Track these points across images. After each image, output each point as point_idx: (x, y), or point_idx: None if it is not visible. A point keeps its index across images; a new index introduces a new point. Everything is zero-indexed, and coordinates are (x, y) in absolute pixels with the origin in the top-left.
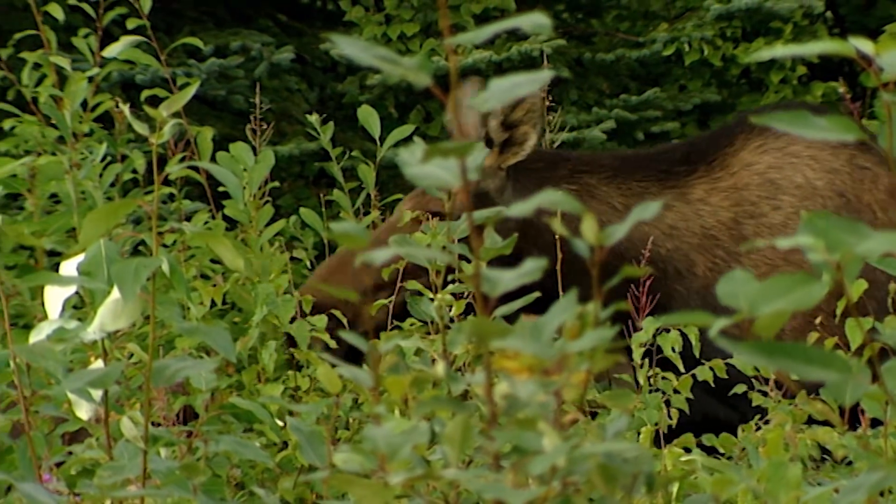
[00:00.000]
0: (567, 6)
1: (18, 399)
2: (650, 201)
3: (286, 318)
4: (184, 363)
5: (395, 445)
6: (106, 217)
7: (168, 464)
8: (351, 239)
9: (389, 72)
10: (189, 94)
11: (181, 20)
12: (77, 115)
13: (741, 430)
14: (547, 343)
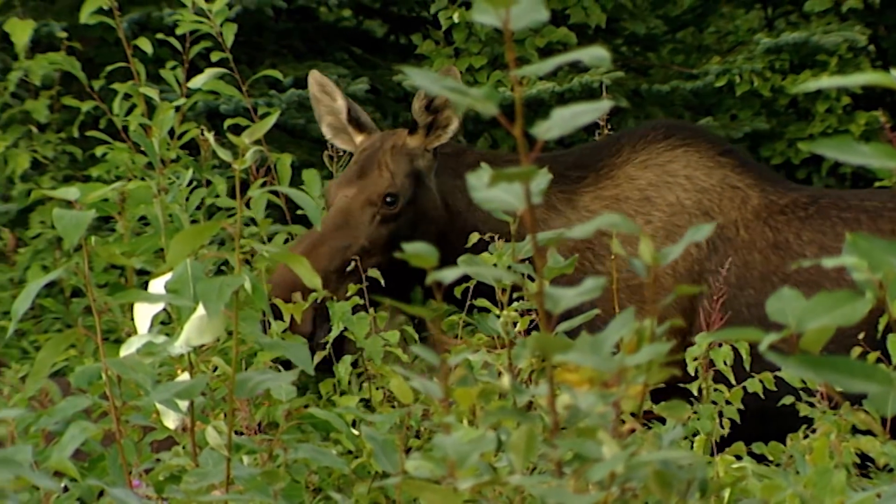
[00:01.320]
0: (625, 40)
1: (110, 409)
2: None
3: (361, 333)
4: (265, 376)
5: (464, 453)
6: (192, 238)
7: (250, 470)
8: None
9: (458, 101)
10: (270, 123)
11: (263, 53)
12: (165, 142)
13: (789, 439)
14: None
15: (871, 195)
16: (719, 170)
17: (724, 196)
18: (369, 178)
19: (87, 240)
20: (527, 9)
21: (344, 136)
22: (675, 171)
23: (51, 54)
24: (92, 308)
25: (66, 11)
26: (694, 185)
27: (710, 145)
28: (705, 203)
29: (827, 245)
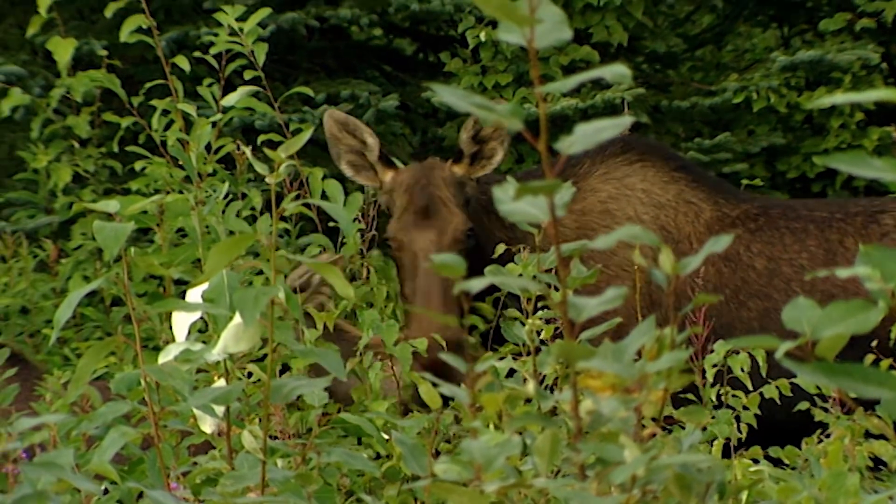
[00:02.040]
0: (646, 58)
1: (149, 414)
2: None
3: (390, 340)
4: (299, 382)
5: (490, 456)
6: (228, 249)
7: (284, 473)
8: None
9: (485, 117)
10: (304, 139)
11: (296, 71)
12: (202, 156)
13: (804, 443)
14: (628, 364)
15: (818, 205)
16: (674, 185)
17: (680, 211)
18: (442, 218)
19: (126, 251)
20: (551, 28)
21: (368, 173)
22: (632, 184)
23: (92, 72)
24: (131, 317)
25: (107, 30)
26: (651, 199)
27: (665, 161)
28: (662, 218)
29: (775, 256)
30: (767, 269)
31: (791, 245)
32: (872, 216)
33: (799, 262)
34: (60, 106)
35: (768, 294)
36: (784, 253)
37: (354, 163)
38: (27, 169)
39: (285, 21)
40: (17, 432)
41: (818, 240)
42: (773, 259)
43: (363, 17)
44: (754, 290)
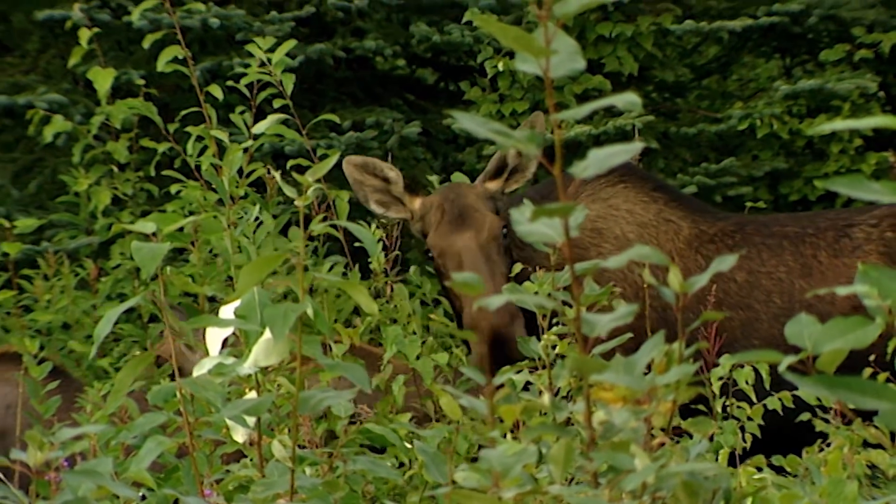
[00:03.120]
0: (655, 87)
1: (184, 424)
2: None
3: (413, 355)
4: (326, 394)
5: (508, 465)
6: (259, 268)
7: (312, 480)
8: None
9: (503, 143)
10: (331, 164)
11: (324, 99)
12: (234, 180)
13: (805, 452)
14: (638, 377)
15: (788, 220)
16: (654, 204)
17: (661, 229)
18: (477, 221)
19: (163, 269)
20: (565, 58)
21: (397, 206)
22: (617, 205)
23: (130, 100)
24: (167, 332)
25: (144, 61)
26: (634, 218)
27: (643, 181)
28: (645, 236)
29: (754, 269)
30: (748, 281)
31: (768, 259)
32: (842, 230)
33: (777, 275)
34: (100, 132)
35: (749, 305)
36: (762, 266)
37: (382, 200)
38: (69, 192)
39: (313, 52)
40: (59, 442)
41: (793, 254)
42: (752, 272)
43: (387, 48)
44: (735, 301)
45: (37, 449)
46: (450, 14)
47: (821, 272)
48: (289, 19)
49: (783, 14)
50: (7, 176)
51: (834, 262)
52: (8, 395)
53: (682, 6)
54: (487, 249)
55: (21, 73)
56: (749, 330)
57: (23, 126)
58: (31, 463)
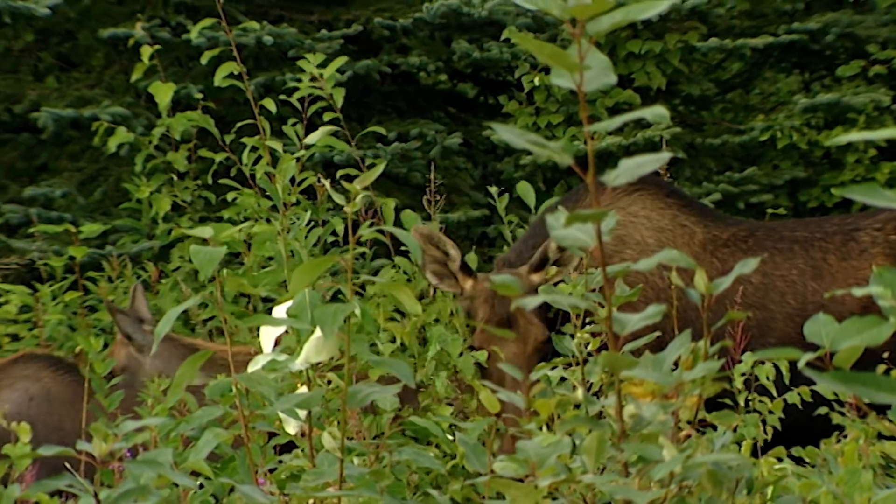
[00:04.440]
0: (682, 101)
1: (239, 417)
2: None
3: (455, 352)
4: (373, 389)
5: (543, 455)
6: (310, 271)
7: (360, 470)
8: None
9: (539, 153)
10: (378, 172)
11: (371, 111)
12: (286, 188)
13: (823, 444)
14: (666, 373)
15: (797, 226)
16: (669, 210)
17: (676, 233)
18: (524, 329)
19: (219, 272)
20: (597, 73)
21: (450, 281)
22: (636, 212)
23: (189, 113)
24: (224, 330)
25: (202, 76)
26: (652, 223)
27: (657, 188)
28: (663, 241)
29: (768, 272)
30: (763, 283)
31: (781, 263)
32: (849, 234)
33: (790, 277)
34: (161, 143)
35: (765, 305)
36: (776, 269)
37: (438, 272)
38: (131, 199)
39: (361, 68)
40: (123, 433)
41: (804, 258)
42: (766, 274)
43: (430, 63)
44: (752, 302)
45: (101, 440)
46: (489, 32)
47: (830, 274)
48: (338, 37)
49: (802, 32)
50: (73, 184)
51: (842, 265)
52: (30, 389)
53: (708, 24)
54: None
55: (87, 88)
56: (765, 329)
57: (88, 137)
58: (97, 454)
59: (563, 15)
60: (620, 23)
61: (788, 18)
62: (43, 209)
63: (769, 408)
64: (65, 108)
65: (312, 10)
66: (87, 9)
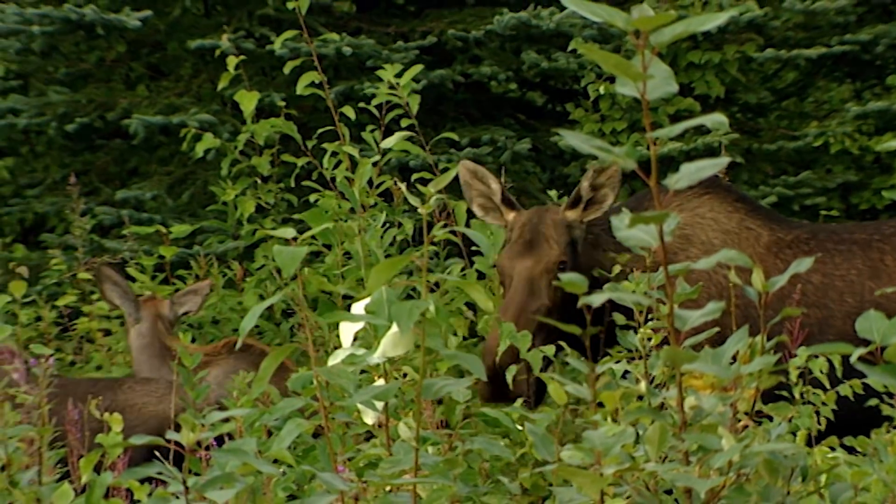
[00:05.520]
0: (740, 108)
1: (320, 408)
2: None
3: (525, 347)
4: (446, 382)
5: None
6: (387, 269)
7: (434, 458)
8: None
9: (604, 158)
10: (451, 176)
11: (444, 119)
12: (364, 191)
13: (874, 434)
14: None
15: (856, 228)
16: (736, 213)
17: (742, 236)
18: (541, 250)
19: (301, 271)
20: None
21: (495, 214)
22: (703, 214)
23: (272, 119)
24: (305, 326)
25: (285, 85)
26: (719, 225)
27: (726, 193)
28: (728, 242)
29: (828, 272)
30: (823, 283)
31: (841, 263)
32: None
33: (849, 277)
34: (246, 148)
35: (825, 304)
36: (836, 270)
37: (484, 205)
38: (217, 201)
39: (435, 77)
40: (209, 423)
41: (863, 258)
42: (826, 275)
43: (501, 73)
44: (812, 300)
45: (189, 430)
46: (557, 43)
47: (888, 274)
48: (413, 48)
49: (854, 43)
50: (163, 187)
51: None
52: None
53: (764, 36)
54: (537, 282)
55: (175, 96)
56: (824, 326)
57: (177, 143)
58: (185, 443)
59: (628, 27)
60: (682, 34)
61: (841, 30)
62: (134, 211)
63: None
64: (155, 116)
65: (389, 22)
66: (176, 21)
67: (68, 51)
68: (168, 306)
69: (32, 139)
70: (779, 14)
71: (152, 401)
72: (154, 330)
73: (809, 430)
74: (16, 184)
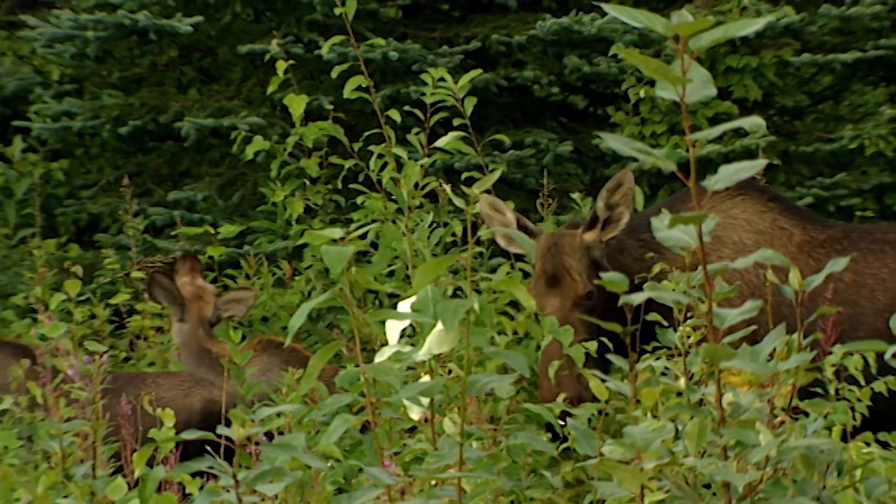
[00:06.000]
0: (777, 111)
1: (367, 404)
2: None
3: (567, 342)
4: (490, 378)
5: (649, 440)
6: (433, 269)
7: (478, 453)
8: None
9: (644, 160)
10: (495, 177)
11: (488, 122)
12: (411, 192)
13: None
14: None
15: (889, 228)
16: (769, 213)
17: (775, 235)
18: (566, 285)
19: (348, 270)
20: (699, 86)
21: (516, 244)
22: (736, 214)
23: (320, 122)
24: (353, 324)
25: (332, 88)
26: (751, 226)
27: (760, 193)
28: (761, 242)
29: (860, 270)
30: (855, 281)
31: (872, 262)
32: None
33: (880, 275)
34: (295, 151)
35: (856, 301)
36: (867, 268)
37: (506, 235)
38: (267, 202)
39: (479, 81)
40: (259, 419)
41: (894, 258)
42: (858, 273)
43: (543, 77)
44: (844, 298)
45: (240, 426)
46: (598, 48)
47: None
48: (458, 52)
49: (888, 48)
50: (214, 188)
51: None
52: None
53: (801, 41)
54: (570, 318)
55: (226, 99)
56: (856, 323)
57: (227, 145)
58: (235, 437)
59: (668, 32)
60: (720, 39)
61: (876, 35)
62: (185, 212)
63: (858, 396)
64: (206, 118)
65: (435, 27)
66: (227, 26)
67: (122, 55)
68: (212, 310)
69: (87, 141)
70: (815, 19)
71: (179, 395)
72: (195, 331)
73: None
74: (71, 185)
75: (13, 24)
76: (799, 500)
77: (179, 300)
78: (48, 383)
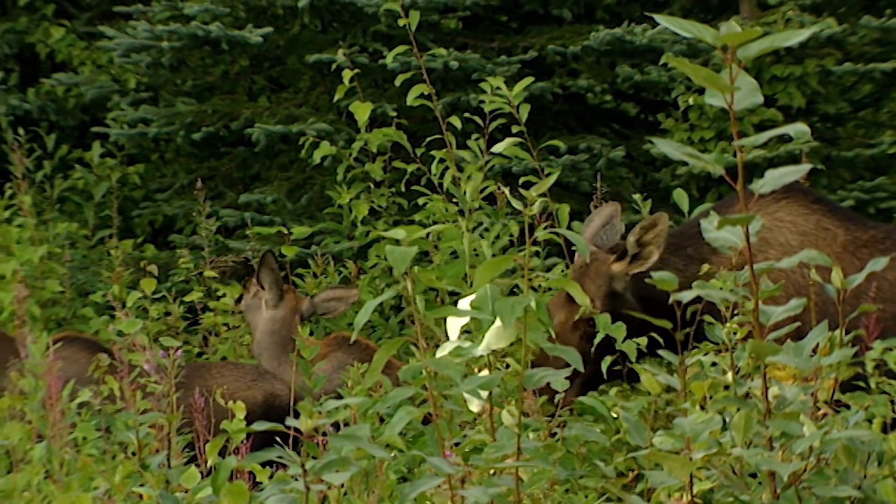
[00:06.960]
0: (820, 118)
1: (429, 397)
2: (697, 262)
3: (620, 336)
4: (546, 372)
5: (697, 431)
6: (491, 268)
7: (535, 444)
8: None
9: (694, 164)
10: (551, 181)
11: (543, 128)
12: (473, 194)
13: None
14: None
15: None
16: (813, 215)
17: (819, 236)
18: (575, 303)
19: (411, 269)
20: (746, 94)
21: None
22: (781, 217)
23: (384, 129)
24: (415, 320)
25: (396, 95)
26: (797, 227)
27: (804, 195)
28: (806, 243)
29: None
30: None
31: None
32: None
33: None
34: (360, 155)
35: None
36: None
37: None
38: (334, 205)
39: (535, 89)
40: (326, 411)
41: None
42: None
43: (596, 85)
44: (888, 296)
45: (308, 417)
46: (649, 57)
47: None
48: (515, 62)
49: None
50: (283, 191)
51: None
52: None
53: (842, 51)
54: (570, 338)
55: (294, 107)
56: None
57: (296, 150)
58: (303, 428)
59: (716, 42)
60: (766, 49)
61: None
62: (256, 213)
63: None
64: (275, 125)
65: (493, 38)
66: (295, 37)
67: (195, 65)
68: (307, 304)
69: (162, 147)
70: (856, 30)
71: (242, 386)
72: (286, 321)
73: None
74: (146, 188)
75: (92, 34)
76: (841, 488)
77: (280, 286)
78: (125, 377)
